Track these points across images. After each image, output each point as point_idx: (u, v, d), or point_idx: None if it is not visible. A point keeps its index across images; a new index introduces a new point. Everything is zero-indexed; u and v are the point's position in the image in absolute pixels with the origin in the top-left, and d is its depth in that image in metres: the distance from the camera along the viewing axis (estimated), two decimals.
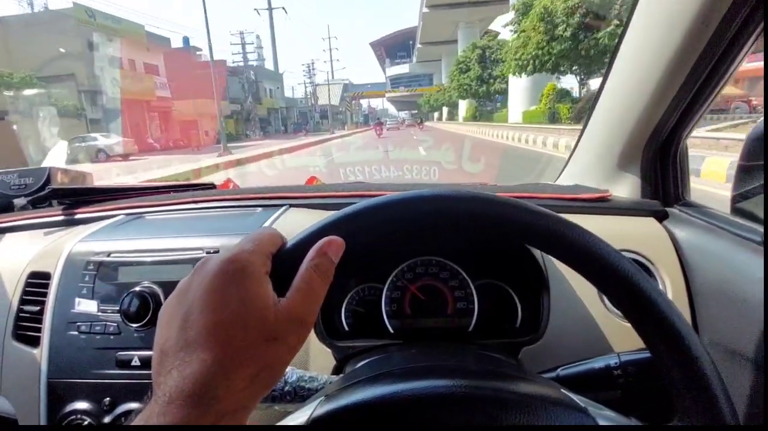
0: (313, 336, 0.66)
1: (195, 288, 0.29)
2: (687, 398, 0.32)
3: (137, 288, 0.65)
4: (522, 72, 17.60)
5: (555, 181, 1.03)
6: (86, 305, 0.67)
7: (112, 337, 0.65)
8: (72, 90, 20.15)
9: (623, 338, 0.63)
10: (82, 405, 0.64)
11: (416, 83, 79.72)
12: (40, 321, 0.68)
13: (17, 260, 0.77)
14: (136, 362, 0.64)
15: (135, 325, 0.63)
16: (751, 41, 0.55)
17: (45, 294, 0.70)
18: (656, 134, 0.73)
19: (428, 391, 0.34)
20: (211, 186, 1.14)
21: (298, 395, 0.50)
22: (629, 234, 0.72)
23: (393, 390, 0.35)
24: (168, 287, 0.66)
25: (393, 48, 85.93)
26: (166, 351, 0.27)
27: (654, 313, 0.33)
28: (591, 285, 0.36)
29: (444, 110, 50.76)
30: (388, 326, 0.71)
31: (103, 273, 0.68)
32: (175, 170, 8.62)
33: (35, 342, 0.68)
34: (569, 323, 0.66)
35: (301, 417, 0.34)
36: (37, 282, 0.72)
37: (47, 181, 1.01)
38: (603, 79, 0.79)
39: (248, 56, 42.74)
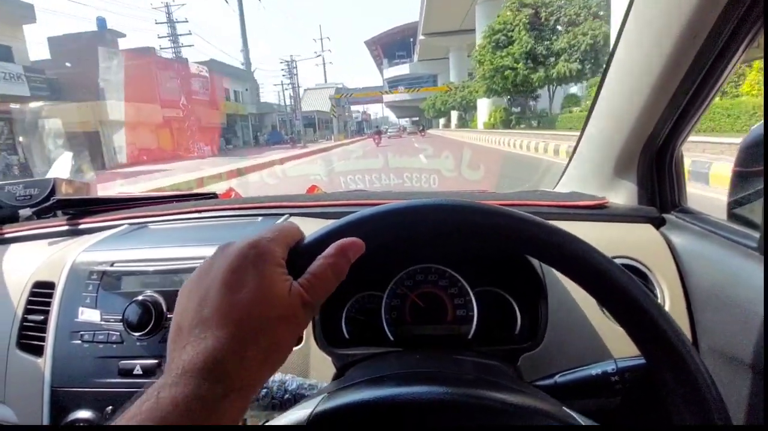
0: (313, 344, 0.66)
1: (216, 268, 0.30)
2: (679, 401, 0.33)
3: (140, 297, 0.65)
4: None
5: (553, 188, 1.04)
6: (89, 314, 0.68)
7: (115, 346, 0.66)
8: None
9: (621, 344, 0.63)
10: (85, 414, 0.65)
11: (417, 85, 67.04)
12: (44, 331, 0.69)
13: (22, 270, 0.78)
14: (138, 371, 0.65)
15: (137, 334, 0.64)
16: (741, 50, 0.56)
17: (49, 304, 0.70)
18: (651, 142, 0.74)
19: (426, 397, 0.35)
20: (213, 196, 1.16)
21: (298, 403, 0.51)
22: (626, 241, 0.72)
23: (391, 393, 0.36)
24: (170, 296, 0.66)
25: (391, 47, 75.11)
26: (183, 327, 0.29)
27: (645, 318, 0.33)
28: None
29: (453, 115, 43.74)
30: (388, 333, 0.71)
31: (107, 283, 0.69)
32: None
33: (39, 351, 0.69)
34: (568, 330, 0.66)
35: (303, 413, 0.35)
36: (42, 292, 0.73)
37: (52, 192, 1.03)
38: (598, 87, 0.80)
39: (181, 40, 30.94)
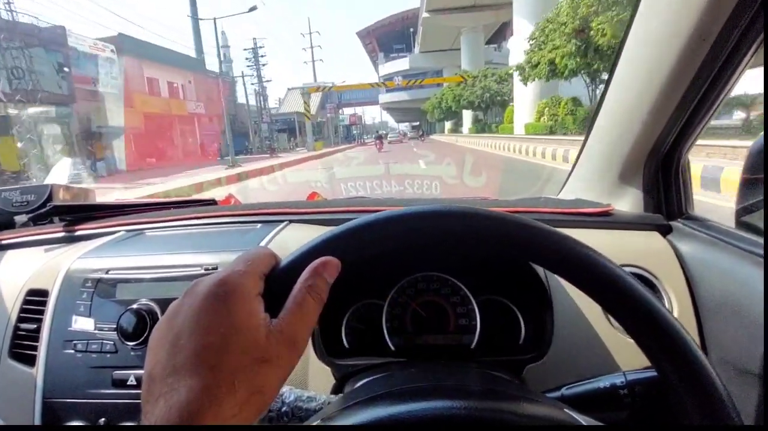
0: (312, 355, 0.65)
1: (185, 311, 0.28)
2: (695, 416, 0.31)
3: (135, 306, 0.64)
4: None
5: (557, 195, 1.02)
6: (83, 323, 0.66)
7: (109, 356, 0.64)
8: None
9: (629, 356, 0.62)
10: (78, 425, 0.63)
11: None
12: (37, 340, 0.68)
13: (17, 277, 0.77)
14: (133, 381, 0.63)
15: (131, 343, 0.63)
16: (750, 54, 0.55)
17: (42, 312, 0.69)
18: (657, 148, 0.73)
19: (428, 413, 0.33)
20: (213, 202, 1.14)
21: (296, 415, 0.49)
22: (633, 249, 0.71)
23: (391, 413, 0.34)
24: (165, 304, 0.64)
25: (387, 38, 64.50)
26: (154, 377, 0.27)
27: (656, 329, 0.32)
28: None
29: (465, 116, 34.80)
30: (389, 343, 0.69)
31: (101, 291, 0.68)
32: None
33: (31, 361, 0.68)
34: (574, 340, 0.65)
35: None
36: (35, 300, 0.71)
37: (49, 198, 1.02)
38: (602, 92, 0.79)
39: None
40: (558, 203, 0.87)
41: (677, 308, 0.66)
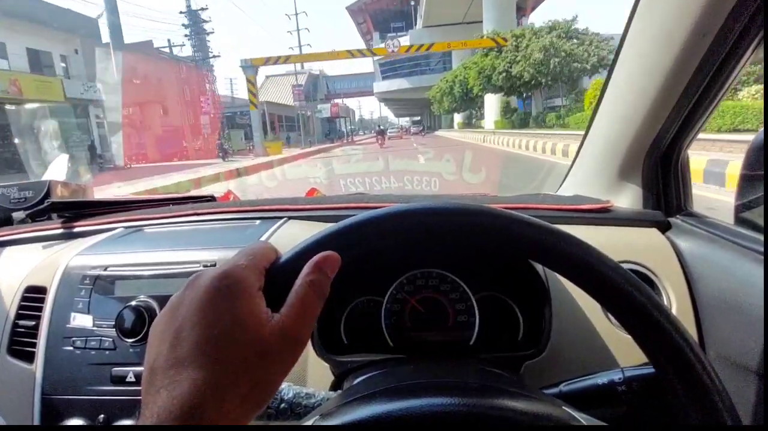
0: (311, 351, 0.65)
1: (187, 304, 0.28)
2: (692, 412, 0.32)
3: (133, 303, 0.64)
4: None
5: (556, 191, 1.02)
6: (82, 319, 0.66)
7: (108, 352, 0.64)
8: None
9: (627, 352, 0.62)
10: (77, 422, 0.63)
11: (424, 67, 45.78)
12: (36, 336, 0.68)
13: (15, 274, 0.77)
14: (131, 378, 0.63)
15: (130, 340, 0.63)
16: (750, 51, 0.55)
17: (41, 309, 0.69)
18: (657, 144, 0.73)
19: (425, 409, 0.34)
20: (211, 198, 1.14)
21: (295, 412, 0.49)
22: (631, 245, 0.71)
23: (389, 409, 0.34)
24: (164, 301, 0.64)
25: (383, 15, 52.92)
26: (156, 369, 0.27)
27: (653, 325, 0.32)
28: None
29: (489, 102, 26.10)
30: (388, 339, 0.70)
31: (100, 287, 0.68)
32: None
33: (30, 358, 0.68)
34: (572, 336, 0.65)
35: None
36: (33, 296, 0.71)
37: (47, 194, 1.02)
38: (602, 88, 0.79)
39: None
40: (557, 200, 0.87)
41: (676, 304, 0.66)
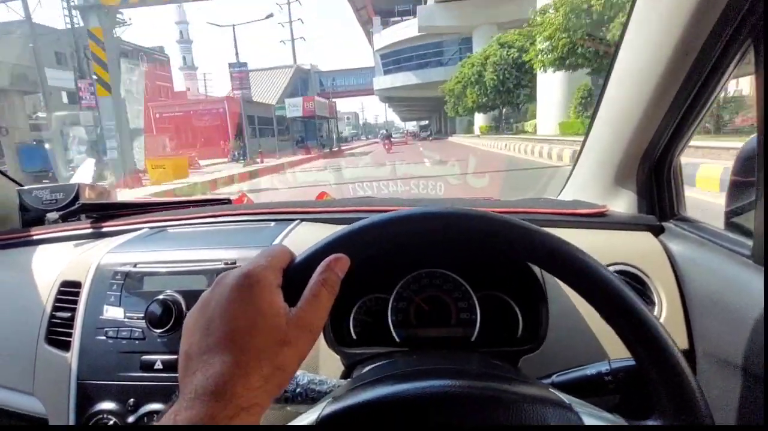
0: (323, 343, 0.70)
1: (216, 300, 0.33)
2: (664, 397, 0.35)
3: (161, 296, 0.69)
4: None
5: (557, 196, 1.06)
6: (113, 312, 0.72)
7: (137, 342, 0.70)
8: None
9: (618, 347, 0.65)
10: (109, 406, 0.68)
11: (434, 59, 36.88)
12: (71, 327, 0.73)
13: (50, 269, 0.83)
14: (159, 365, 0.68)
15: (158, 331, 0.68)
16: (732, 67, 0.59)
17: (76, 302, 0.75)
18: (650, 152, 0.77)
19: (429, 391, 0.37)
20: (227, 201, 1.20)
21: (309, 397, 0.53)
22: (625, 248, 0.74)
23: (395, 390, 0.38)
24: (189, 295, 0.70)
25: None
26: (191, 355, 0.31)
27: (630, 319, 0.36)
28: None
29: (561, 84, 15.39)
30: (394, 334, 0.74)
31: (129, 283, 0.73)
32: None
33: (66, 346, 0.73)
34: (567, 332, 0.68)
35: (310, 417, 0.37)
36: (69, 291, 0.77)
37: (76, 196, 1.08)
38: (598, 98, 0.83)
39: None
40: (556, 204, 0.91)
41: (666, 305, 0.69)
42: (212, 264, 0.72)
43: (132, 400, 0.68)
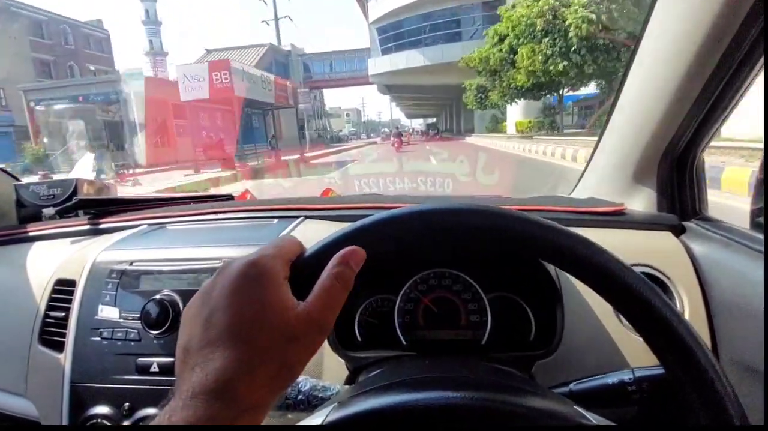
0: (327, 347, 0.67)
1: (218, 289, 0.30)
2: (700, 413, 0.32)
3: (158, 296, 0.67)
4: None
5: (570, 194, 1.03)
6: (109, 311, 0.69)
7: (133, 343, 0.67)
8: None
9: (639, 353, 0.62)
10: (103, 410, 0.66)
11: (444, 33, 26.16)
12: (65, 327, 0.71)
13: (45, 267, 0.80)
14: (155, 368, 0.66)
15: (155, 332, 0.65)
16: (765, 56, 0.55)
17: (70, 301, 0.72)
18: (672, 148, 0.73)
19: (439, 402, 0.35)
20: (229, 197, 1.17)
21: (311, 404, 0.51)
22: (645, 249, 0.71)
23: (404, 400, 0.36)
24: (187, 295, 0.67)
25: None
26: (189, 349, 0.29)
27: (664, 327, 0.33)
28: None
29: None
30: (401, 337, 0.71)
31: (126, 281, 0.71)
32: None
33: (60, 347, 0.71)
34: (583, 337, 0.65)
35: (314, 423, 0.35)
36: (63, 289, 0.75)
37: (74, 192, 1.06)
38: (617, 91, 0.79)
39: None
40: (571, 202, 0.87)
41: (689, 308, 0.66)
42: (212, 263, 0.70)
43: (127, 404, 0.66)
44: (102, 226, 0.95)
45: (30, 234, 0.96)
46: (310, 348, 0.30)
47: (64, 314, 0.72)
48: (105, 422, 0.65)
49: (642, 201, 0.82)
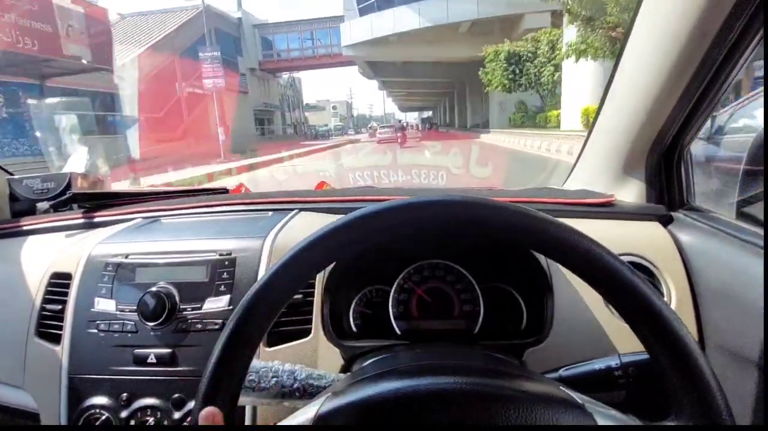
0: (322, 336, 0.68)
1: None
2: (683, 397, 0.33)
3: (154, 288, 0.67)
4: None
5: (562, 185, 1.04)
6: (105, 304, 0.70)
7: (130, 335, 0.68)
8: None
9: (627, 340, 0.64)
10: (101, 400, 0.67)
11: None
12: (62, 319, 0.72)
13: (40, 261, 0.80)
14: (152, 359, 0.67)
15: (151, 324, 0.66)
16: (750, 50, 0.56)
17: (66, 294, 0.73)
18: (660, 140, 0.74)
19: (431, 388, 0.35)
20: (224, 191, 1.17)
21: (307, 392, 0.52)
22: (634, 238, 0.72)
23: (397, 387, 0.36)
24: (183, 287, 0.68)
25: None
26: None
27: (648, 314, 0.34)
28: None
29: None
30: (395, 327, 0.72)
31: (122, 274, 0.71)
32: None
33: (57, 340, 0.71)
34: (573, 325, 0.67)
35: (308, 413, 0.36)
36: (59, 282, 0.75)
37: (68, 185, 1.06)
38: (606, 84, 0.80)
39: None
40: (562, 194, 0.89)
41: (675, 296, 0.67)
42: (207, 255, 0.70)
43: (125, 395, 0.66)
44: (96, 220, 0.95)
45: (24, 228, 0.96)
46: None
47: (61, 307, 0.73)
48: (103, 412, 0.66)
49: (631, 192, 0.83)
